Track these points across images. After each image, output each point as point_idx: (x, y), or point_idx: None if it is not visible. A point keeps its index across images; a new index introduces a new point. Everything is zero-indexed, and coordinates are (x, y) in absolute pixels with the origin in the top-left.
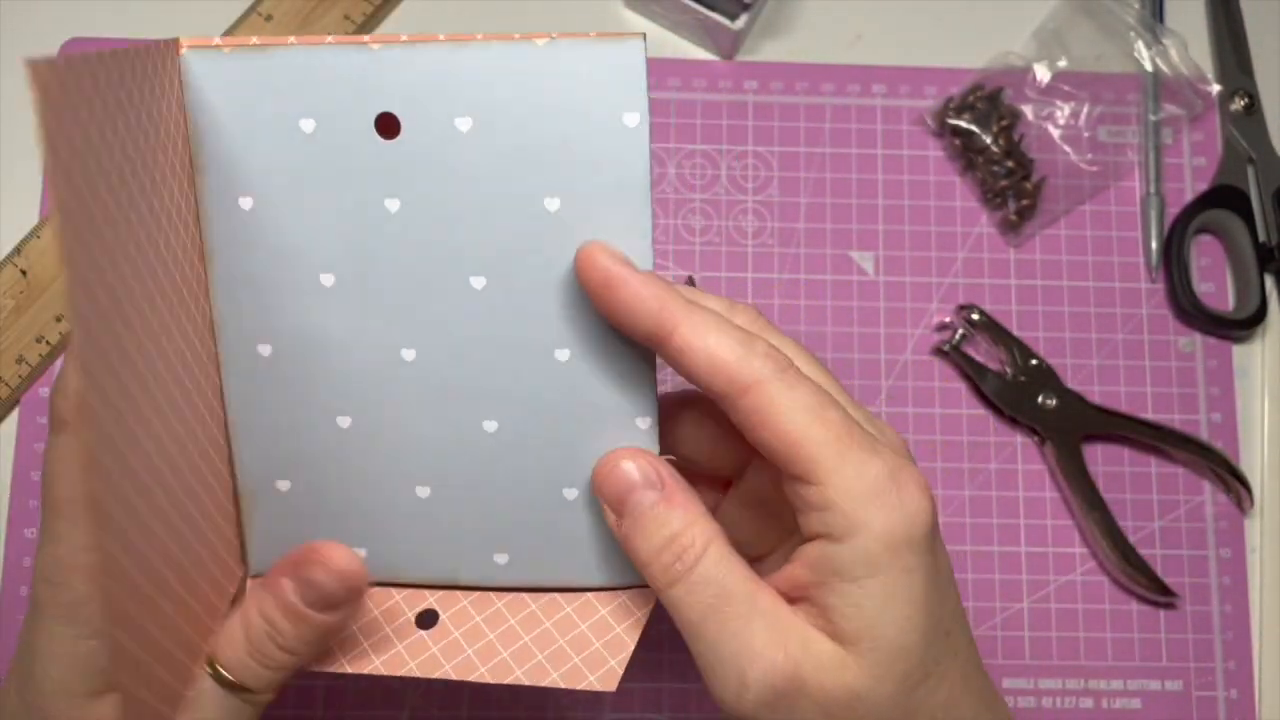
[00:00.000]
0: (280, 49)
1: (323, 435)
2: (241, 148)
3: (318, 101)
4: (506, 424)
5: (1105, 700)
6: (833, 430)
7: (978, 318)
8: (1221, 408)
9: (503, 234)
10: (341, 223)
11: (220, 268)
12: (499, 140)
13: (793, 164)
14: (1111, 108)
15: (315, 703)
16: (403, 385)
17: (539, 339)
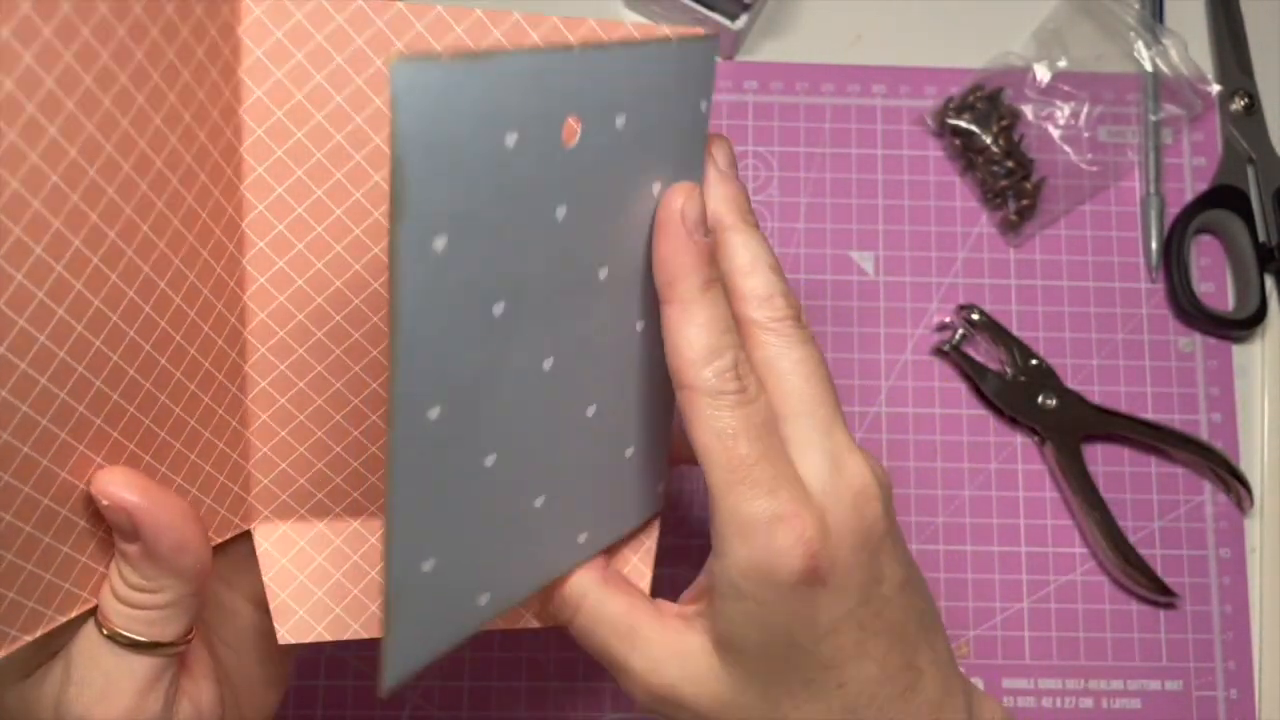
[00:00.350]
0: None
1: (470, 484)
2: (444, 177)
3: (522, 111)
4: (601, 404)
5: (1105, 700)
6: (734, 462)
7: (978, 318)
8: (1221, 408)
9: (623, 223)
10: (518, 241)
11: (405, 330)
12: (635, 133)
13: (793, 164)
14: (1111, 108)
15: (315, 703)
16: (538, 396)
17: (629, 316)
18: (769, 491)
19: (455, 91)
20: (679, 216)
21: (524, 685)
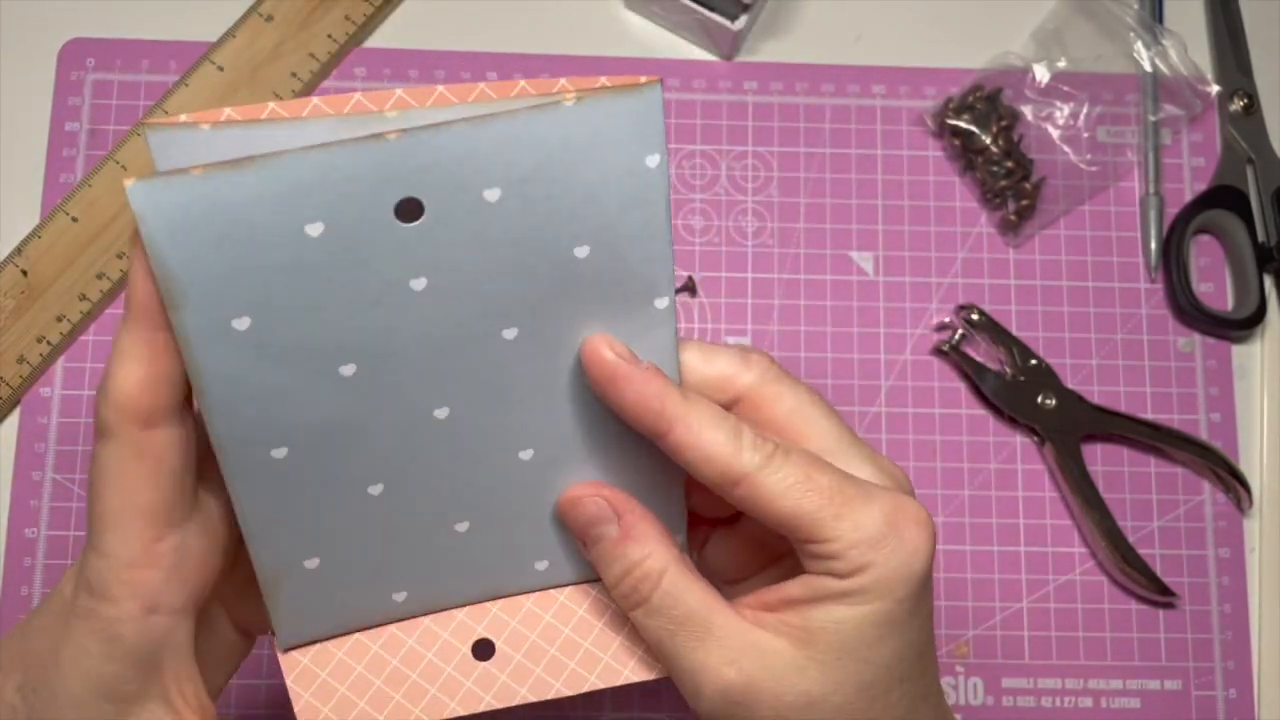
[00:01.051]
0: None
1: (354, 507)
2: (229, 271)
3: (325, 204)
4: (541, 448)
5: (1105, 700)
6: (824, 496)
7: (977, 318)
8: (1220, 407)
9: (533, 287)
10: (359, 313)
11: (215, 395)
12: (527, 202)
13: (792, 164)
14: (1111, 108)
15: None
16: (437, 441)
17: (571, 374)
18: (868, 499)
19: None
20: (615, 362)
21: None
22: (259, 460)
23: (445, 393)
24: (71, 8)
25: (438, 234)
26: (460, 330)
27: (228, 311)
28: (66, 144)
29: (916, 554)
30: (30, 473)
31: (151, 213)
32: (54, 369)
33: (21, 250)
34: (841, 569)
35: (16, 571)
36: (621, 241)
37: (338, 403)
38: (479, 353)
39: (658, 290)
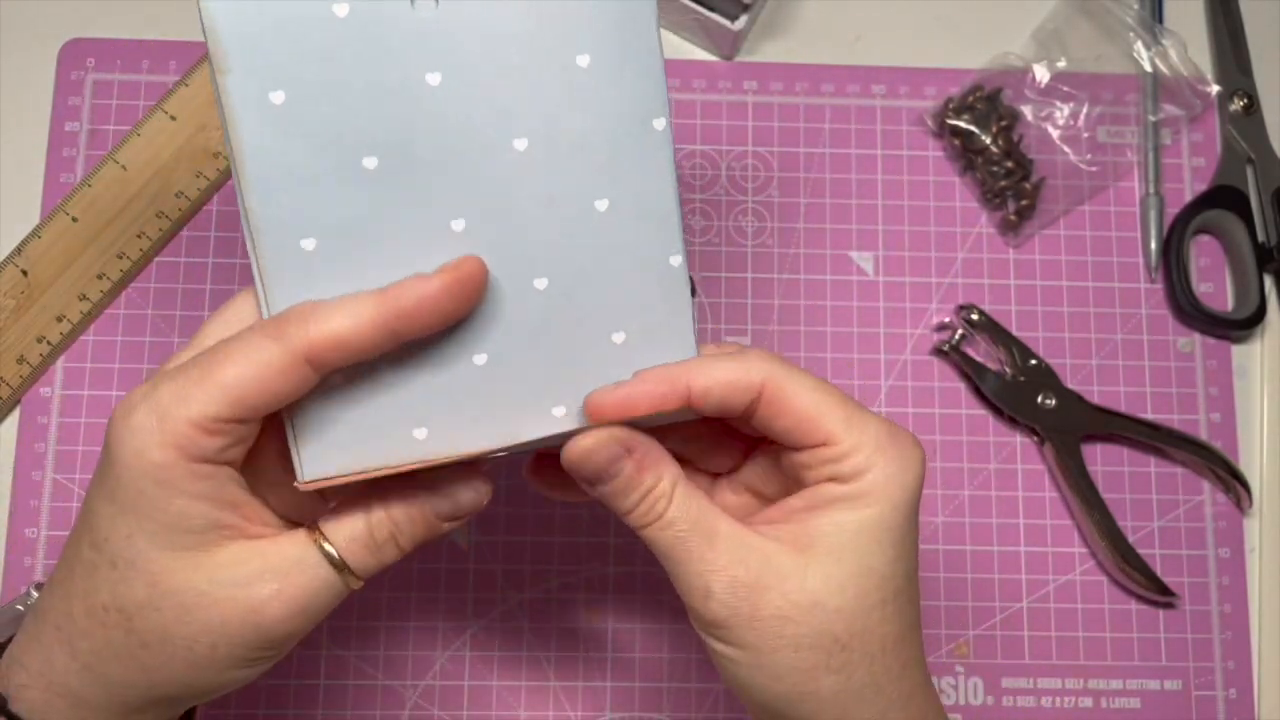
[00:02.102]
0: None
1: None
2: (269, 41)
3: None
4: (556, 279)
5: (1105, 700)
6: (837, 401)
7: (977, 318)
8: (1220, 407)
9: (540, 93)
10: (380, 103)
11: (253, 168)
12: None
13: (792, 164)
14: (1111, 108)
15: (315, 703)
16: (454, 255)
17: (580, 192)
18: (871, 414)
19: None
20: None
21: (524, 685)
22: (290, 249)
23: (462, 203)
24: (71, 8)
25: (452, 24)
26: (474, 135)
27: (266, 82)
28: (66, 144)
29: (912, 464)
30: (30, 473)
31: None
32: (54, 369)
33: (21, 250)
34: (845, 471)
35: (17, 571)
36: (619, 55)
37: (362, 197)
38: (491, 161)
39: (654, 110)
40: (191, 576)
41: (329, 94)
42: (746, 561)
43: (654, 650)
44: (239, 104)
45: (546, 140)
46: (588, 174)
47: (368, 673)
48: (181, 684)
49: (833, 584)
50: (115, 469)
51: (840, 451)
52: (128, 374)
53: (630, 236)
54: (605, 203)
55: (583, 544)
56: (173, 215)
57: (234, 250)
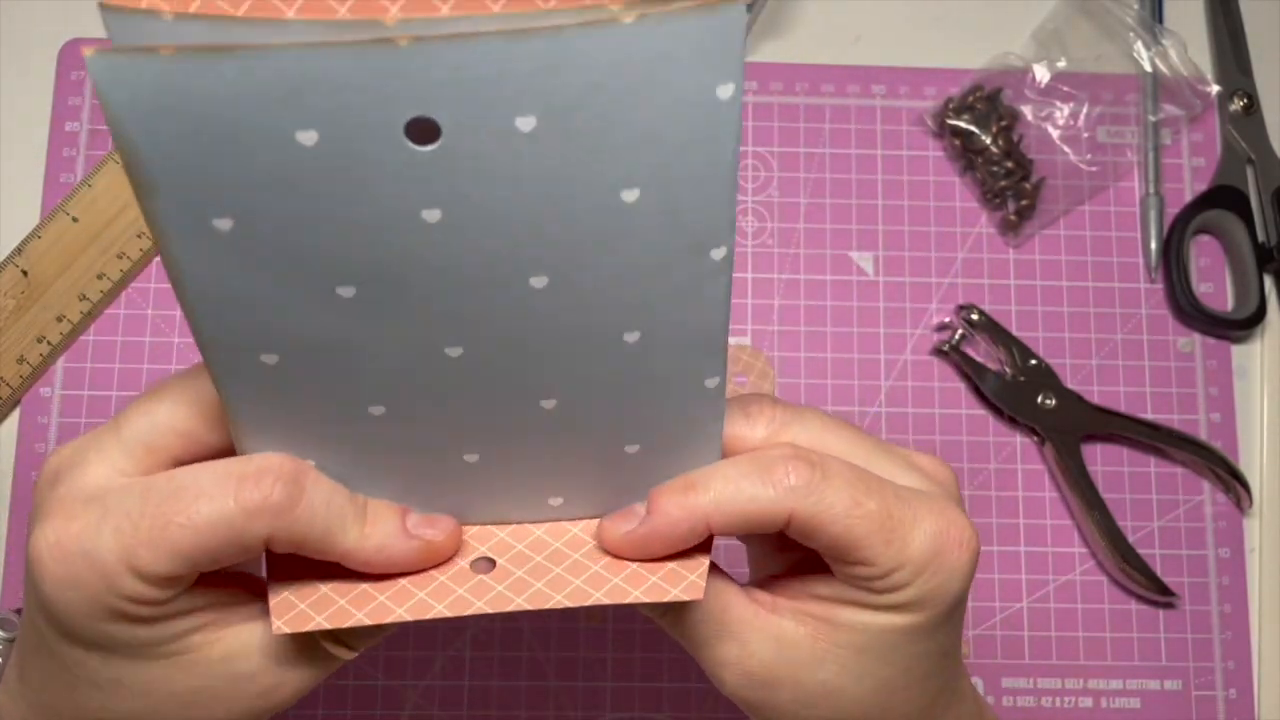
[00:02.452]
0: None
1: (352, 423)
2: (212, 164)
3: (320, 110)
4: (566, 401)
5: (1104, 700)
6: (874, 521)
7: (977, 318)
8: (1220, 407)
9: (568, 232)
10: (361, 235)
11: (195, 294)
12: (568, 135)
13: (792, 164)
14: (1111, 108)
15: (315, 703)
16: (446, 377)
17: (606, 326)
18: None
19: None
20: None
21: (524, 685)
22: (247, 363)
23: (460, 334)
24: (72, 8)
25: (457, 163)
26: (480, 273)
27: (207, 210)
28: (66, 144)
29: (955, 575)
30: (30, 473)
31: (114, 91)
32: (54, 369)
33: (22, 250)
34: (880, 587)
35: (16, 572)
36: (679, 184)
37: (335, 323)
38: (501, 299)
39: (716, 239)
40: (187, 680)
41: (291, 223)
42: (759, 655)
43: (654, 650)
44: (173, 230)
45: (571, 278)
46: (617, 309)
47: (368, 673)
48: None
49: (849, 677)
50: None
51: (875, 573)
52: (128, 374)
53: (661, 365)
54: (636, 335)
55: None
56: None
57: None
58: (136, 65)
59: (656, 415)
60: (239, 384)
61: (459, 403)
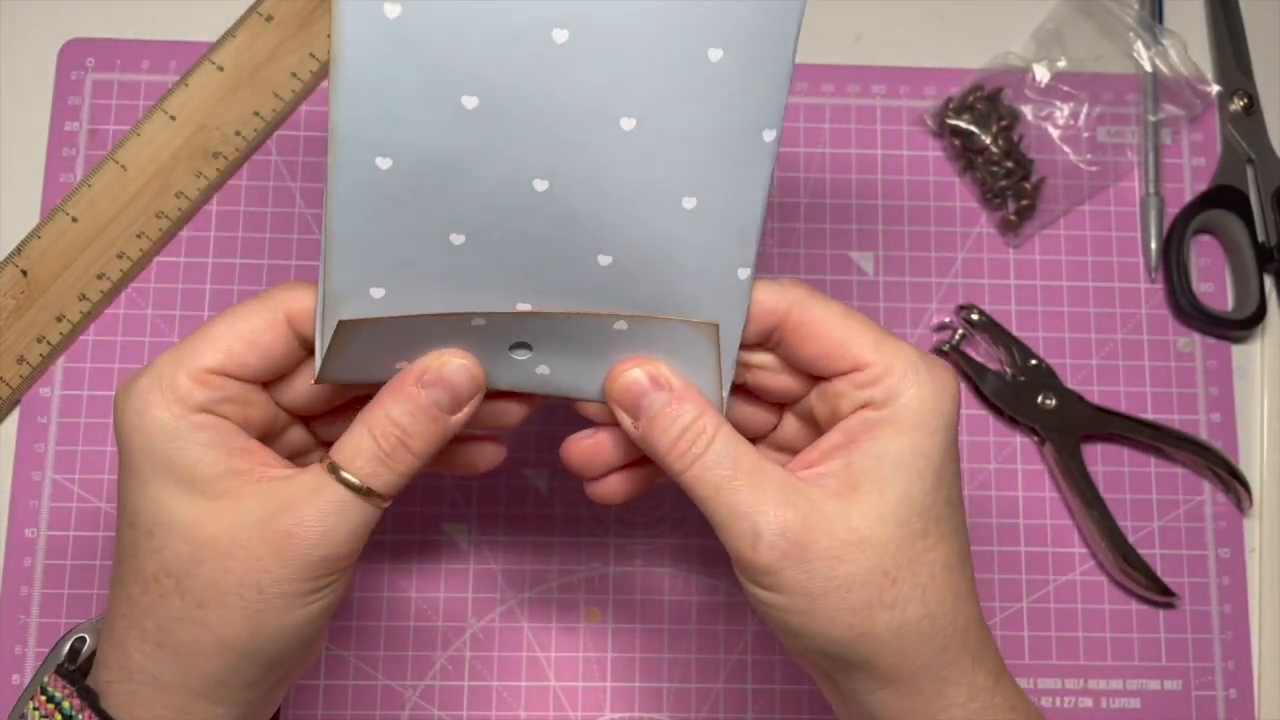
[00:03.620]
0: None
1: (434, 250)
2: None
3: None
4: (620, 260)
5: (1105, 700)
6: (866, 328)
7: (977, 318)
8: (1221, 407)
9: (662, 76)
10: (499, 45)
11: (348, 71)
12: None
13: (792, 164)
14: (1111, 108)
15: (315, 703)
16: (527, 213)
17: (671, 185)
18: (900, 341)
19: None
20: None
21: (524, 685)
22: (364, 163)
23: (551, 166)
24: (71, 7)
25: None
26: (585, 102)
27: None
28: (66, 144)
29: (945, 389)
30: (30, 473)
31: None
32: (54, 369)
33: (21, 250)
34: (879, 396)
35: (16, 571)
36: (752, 56)
37: (452, 131)
38: (595, 133)
39: (770, 120)
40: (222, 524)
41: (449, 21)
42: (794, 503)
43: (654, 650)
44: (351, 8)
45: (655, 125)
46: (684, 169)
47: (368, 673)
48: (248, 637)
49: (874, 519)
50: (128, 444)
51: (872, 375)
52: (128, 374)
53: (707, 240)
54: (693, 201)
55: (583, 544)
56: (172, 215)
57: (233, 250)
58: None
59: (695, 295)
60: (350, 187)
61: (530, 243)
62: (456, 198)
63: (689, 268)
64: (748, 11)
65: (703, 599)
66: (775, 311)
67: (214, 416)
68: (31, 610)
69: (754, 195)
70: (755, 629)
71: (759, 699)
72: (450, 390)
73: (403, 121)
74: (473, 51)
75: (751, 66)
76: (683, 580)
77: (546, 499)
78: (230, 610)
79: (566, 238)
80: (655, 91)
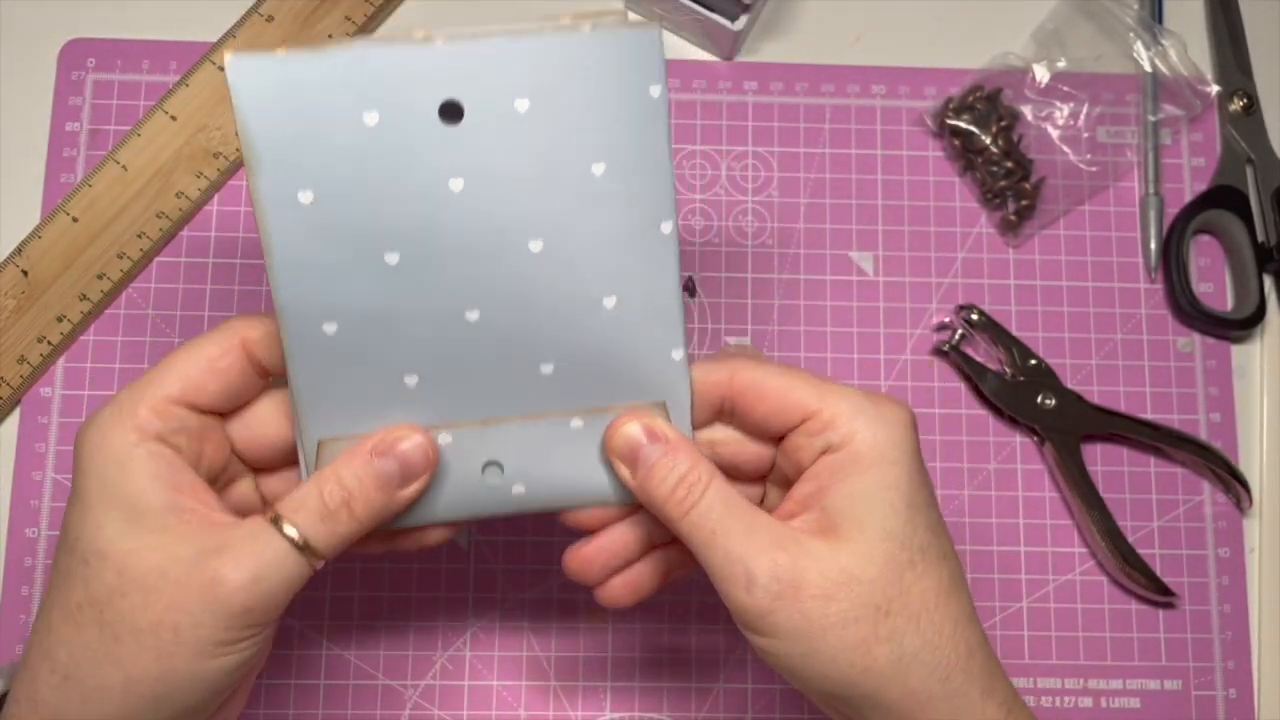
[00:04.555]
0: (338, 50)
1: (389, 389)
2: (301, 144)
3: (381, 95)
4: (562, 366)
5: (1104, 700)
6: (808, 378)
7: (977, 318)
8: (1220, 407)
9: (558, 199)
10: (405, 205)
11: (279, 257)
12: (553, 115)
13: (792, 164)
14: (1110, 108)
15: (315, 703)
16: (467, 343)
17: (590, 289)
18: (844, 387)
19: (296, 77)
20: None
21: (524, 685)
22: (311, 331)
23: (476, 296)
24: (72, 8)
25: (475, 138)
26: (492, 236)
27: (295, 182)
28: (67, 144)
29: (898, 422)
30: (30, 472)
31: (241, 81)
32: (54, 369)
33: (22, 250)
34: (835, 440)
35: (17, 571)
36: (632, 163)
37: (383, 287)
38: (508, 261)
39: (664, 214)
40: (154, 558)
41: (355, 195)
42: (785, 547)
43: (654, 650)
44: (269, 202)
45: (561, 242)
46: (598, 273)
47: (368, 673)
48: (155, 679)
49: (860, 556)
50: (82, 472)
51: (821, 422)
52: (128, 374)
53: (635, 331)
54: (613, 299)
55: None
56: (173, 215)
57: (234, 250)
58: (259, 62)
59: (638, 382)
60: (304, 353)
61: (477, 368)
62: (402, 342)
63: (625, 359)
64: (618, 125)
65: (703, 598)
66: (719, 383)
67: (168, 448)
68: (32, 610)
69: (667, 284)
70: None
71: (759, 698)
72: (402, 462)
73: (337, 288)
74: (384, 215)
75: (633, 173)
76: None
77: None
78: (144, 649)
79: (507, 356)
80: (553, 212)
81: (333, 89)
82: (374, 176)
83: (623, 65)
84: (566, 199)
